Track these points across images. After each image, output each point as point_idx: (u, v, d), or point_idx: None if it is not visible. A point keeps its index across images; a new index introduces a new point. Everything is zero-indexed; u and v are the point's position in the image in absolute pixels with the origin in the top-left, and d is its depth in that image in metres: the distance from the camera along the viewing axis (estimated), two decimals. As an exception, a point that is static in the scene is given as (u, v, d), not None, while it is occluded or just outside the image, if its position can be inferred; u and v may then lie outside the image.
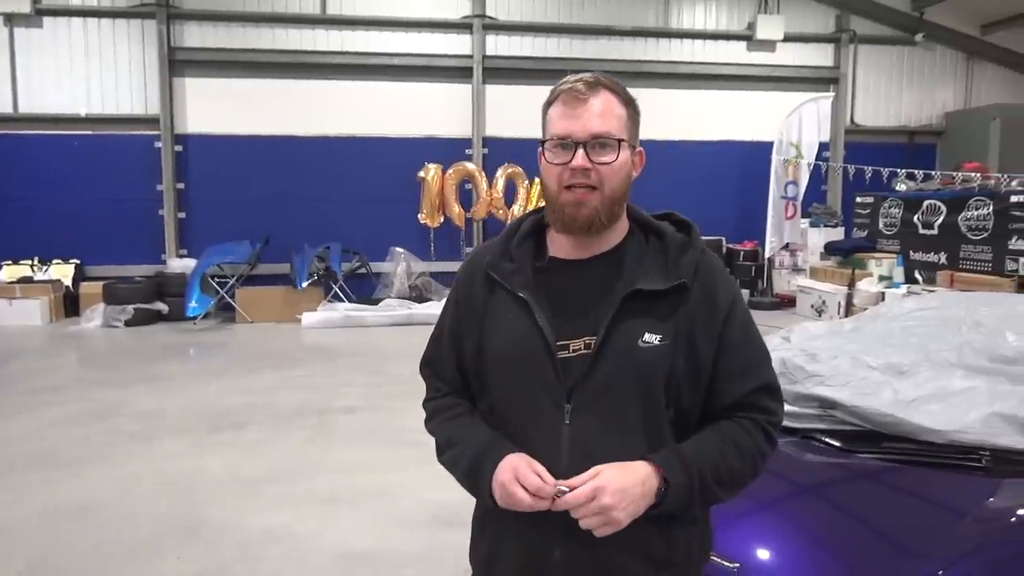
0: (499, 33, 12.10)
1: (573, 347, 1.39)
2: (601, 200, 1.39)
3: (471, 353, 1.50)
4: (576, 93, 1.39)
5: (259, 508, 4.30)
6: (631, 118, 1.45)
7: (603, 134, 1.38)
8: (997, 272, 8.30)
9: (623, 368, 1.36)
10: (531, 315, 1.41)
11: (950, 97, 13.64)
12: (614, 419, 1.37)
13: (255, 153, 11.45)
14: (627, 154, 1.42)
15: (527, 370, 1.41)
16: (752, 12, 12.66)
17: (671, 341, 1.36)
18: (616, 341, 1.37)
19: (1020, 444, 2.58)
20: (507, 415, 1.45)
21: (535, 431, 1.40)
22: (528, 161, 11.65)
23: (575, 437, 1.37)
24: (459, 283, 1.57)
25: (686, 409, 1.40)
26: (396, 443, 5.44)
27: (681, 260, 1.41)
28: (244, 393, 6.81)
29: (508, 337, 1.44)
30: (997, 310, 3.38)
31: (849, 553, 2.32)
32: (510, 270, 1.47)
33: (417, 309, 10.76)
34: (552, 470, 1.36)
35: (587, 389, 1.37)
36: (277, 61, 11.41)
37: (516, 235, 1.52)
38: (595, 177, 1.38)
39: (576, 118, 1.39)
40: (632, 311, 1.37)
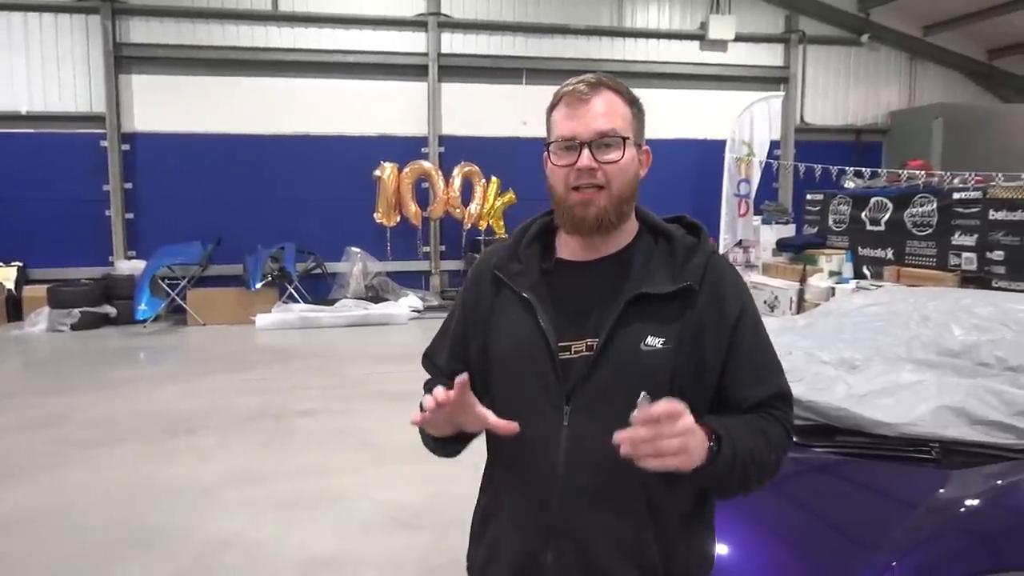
0: (455, 31, 12.05)
1: (575, 349, 1.38)
2: (609, 199, 1.38)
3: (476, 353, 1.50)
4: (578, 94, 1.39)
5: (215, 515, 4.21)
6: (636, 117, 1.44)
7: (608, 132, 1.37)
8: (941, 267, 8.51)
9: (624, 371, 1.35)
10: (534, 316, 1.41)
11: (894, 96, 14.02)
12: (613, 422, 1.33)
13: (206, 152, 11.20)
14: (633, 152, 1.41)
15: (528, 370, 1.40)
16: (704, 12, 12.83)
17: (674, 345, 1.34)
18: (618, 344, 1.35)
19: (967, 436, 2.66)
20: (507, 415, 1.43)
21: (534, 432, 1.39)
22: (485, 159, 11.64)
23: (574, 439, 1.36)
24: (468, 283, 1.58)
25: None
26: (354, 445, 5.38)
27: (689, 263, 1.40)
28: (197, 397, 6.66)
29: (511, 337, 1.44)
30: (943, 305, 3.47)
31: (805, 546, 2.36)
32: (517, 271, 1.47)
33: (374, 309, 10.67)
34: (549, 470, 1.36)
35: (586, 391, 1.36)
36: (228, 58, 11.18)
37: (525, 237, 1.52)
38: (601, 176, 1.37)
39: (579, 118, 1.38)
40: (636, 314, 1.36)
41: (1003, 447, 2.62)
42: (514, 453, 1.43)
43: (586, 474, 1.35)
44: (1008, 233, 7.61)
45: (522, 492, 1.41)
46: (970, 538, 2.26)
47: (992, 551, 2.22)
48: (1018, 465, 2.54)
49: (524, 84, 12.27)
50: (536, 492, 1.39)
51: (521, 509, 1.41)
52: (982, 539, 2.26)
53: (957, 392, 2.79)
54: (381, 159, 11.32)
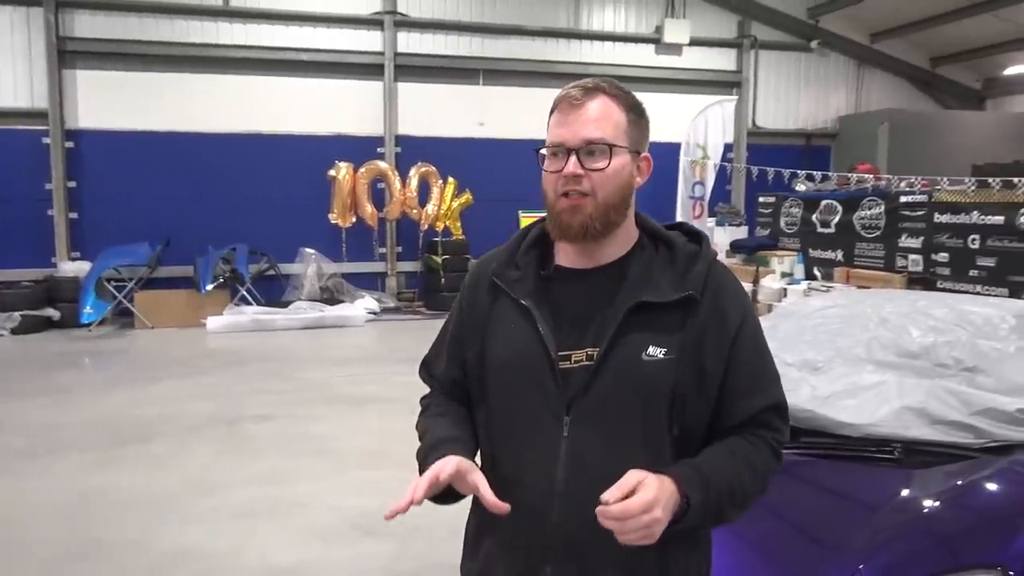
0: (411, 30, 11.95)
1: (575, 358, 1.35)
2: (595, 207, 1.35)
3: (472, 360, 1.46)
4: (571, 100, 1.36)
5: (169, 526, 4.08)
6: (633, 123, 1.40)
7: (594, 140, 1.34)
8: (889, 268, 8.74)
9: (625, 381, 1.32)
10: (533, 324, 1.38)
11: (843, 101, 14.38)
12: (614, 433, 1.33)
13: (155, 150, 10.89)
14: (623, 160, 1.37)
15: (527, 380, 1.37)
16: (659, 16, 12.97)
17: (676, 355, 1.32)
18: (619, 354, 1.33)
19: (928, 436, 2.71)
20: (504, 425, 1.41)
21: (532, 442, 1.37)
22: (442, 160, 11.57)
23: (573, 450, 1.34)
24: (464, 289, 1.54)
25: (691, 426, 1.36)
26: (312, 452, 5.28)
27: (690, 271, 1.38)
28: (148, 403, 6.46)
29: (509, 345, 1.40)
30: (899, 307, 3.54)
31: (772, 550, 2.38)
32: (515, 278, 1.44)
33: (329, 311, 10.52)
34: (548, 482, 1.33)
35: (587, 402, 1.33)
36: (177, 54, 10.90)
37: (523, 243, 1.49)
38: (587, 184, 1.34)
39: (569, 125, 1.35)
40: (637, 323, 1.33)
41: (962, 446, 2.68)
42: (511, 465, 1.40)
43: (586, 486, 1.31)
44: (952, 235, 7.85)
45: (520, 504, 1.36)
46: (932, 538, 2.31)
47: (953, 550, 2.26)
48: (977, 464, 2.60)
49: (481, 85, 12.25)
50: (535, 504, 1.35)
51: (518, 522, 1.37)
52: (943, 539, 2.31)
53: (918, 393, 2.85)
54: (336, 159, 11.16)
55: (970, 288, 7.44)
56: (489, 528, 1.43)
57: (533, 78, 12.44)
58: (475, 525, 1.50)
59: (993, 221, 7.33)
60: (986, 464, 2.59)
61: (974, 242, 7.55)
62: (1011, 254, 7.09)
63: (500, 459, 1.42)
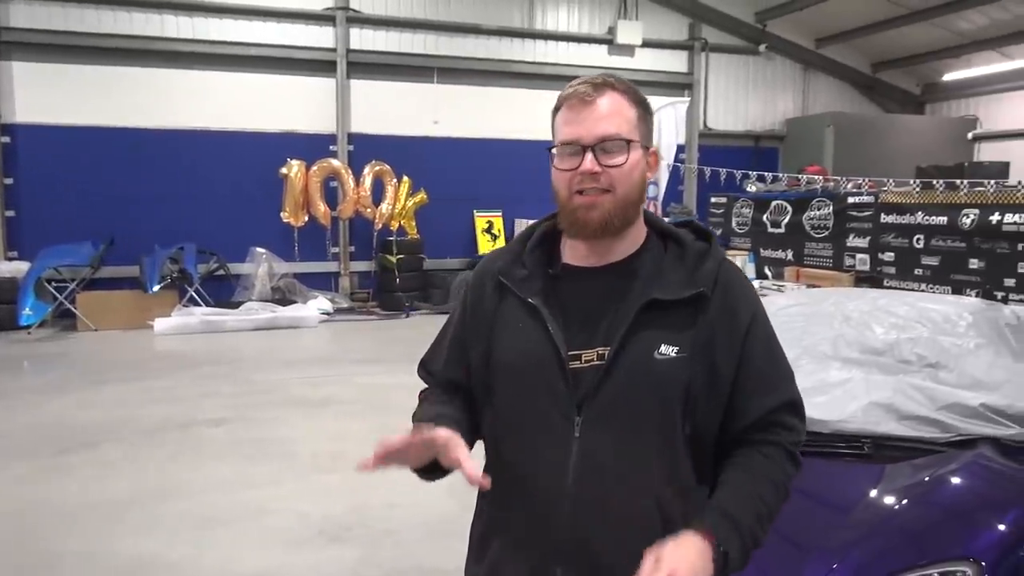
0: (364, 27, 11.79)
1: (585, 358, 1.33)
2: (614, 203, 1.33)
3: (478, 361, 1.43)
4: (582, 96, 1.33)
5: (124, 535, 3.92)
6: (642, 118, 1.38)
7: (611, 136, 1.32)
8: (837, 267, 8.98)
9: (637, 381, 1.30)
10: (543, 324, 1.35)
11: (790, 104, 14.72)
12: (626, 433, 1.31)
13: (98, 146, 10.49)
14: (638, 155, 1.36)
15: (537, 380, 1.34)
16: (613, 17, 13.08)
17: (688, 353, 1.30)
18: (631, 353, 1.31)
19: (896, 431, 2.78)
20: (513, 426, 1.38)
21: (543, 444, 1.34)
22: (396, 159, 11.45)
23: (585, 452, 1.31)
24: (468, 288, 1.51)
25: (703, 426, 1.34)
26: (271, 456, 5.16)
27: (700, 269, 1.36)
28: (94, 408, 6.23)
29: (518, 346, 1.37)
30: (862, 305, 3.62)
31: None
32: (522, 276, 1.41)
33: (281, 312, 10.31)
34: (559, 484, 1.30)
35: (599, 402, 1.31)
36: (121, 47, 10.52)
37: (529, 241, 1.46)
38: (605, 180, 1.32)
39: (582, 122, 1.33)
40: (648, 322, 1.31)
41: (929, 441, 2.75)
42: (520, 467, 1.37)
43: (598, 487, 1.31)
44: (898, 235, 8.11)
45: (529, 507, 1.35)
46: (904, 533, 2.35)
47: (924, 544, 2.31)
48: (944, 458, 2.67)
49: (436, 83, 12.16)
50: (544, 506, 1.33)
51: (528, 524, 1.35)
52: (915, 533, 2.36)
53: (885, 389, 2.92)
54: (288, 156, 10.96)
55: (915, 286, 7.69)
56: (497, 531, 1.41)
57: (488, 77, 12.42)
58: (481, 529, 1.47)
59: (937, 222, 7.58)
60: (952, 458, 2.66)
61: (919, 242, 7.80)
62: (954, 253, 7.34)
63: (508, 461, 1.39)
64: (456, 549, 3.60)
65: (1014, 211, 6.75)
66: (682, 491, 1.34)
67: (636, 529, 1.31)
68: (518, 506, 1.37)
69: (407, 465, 1.31)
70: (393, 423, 1.45)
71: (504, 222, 12.53)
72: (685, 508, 1.35)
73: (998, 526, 2.35)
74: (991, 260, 6.93)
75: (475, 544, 1.48)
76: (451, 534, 3.89)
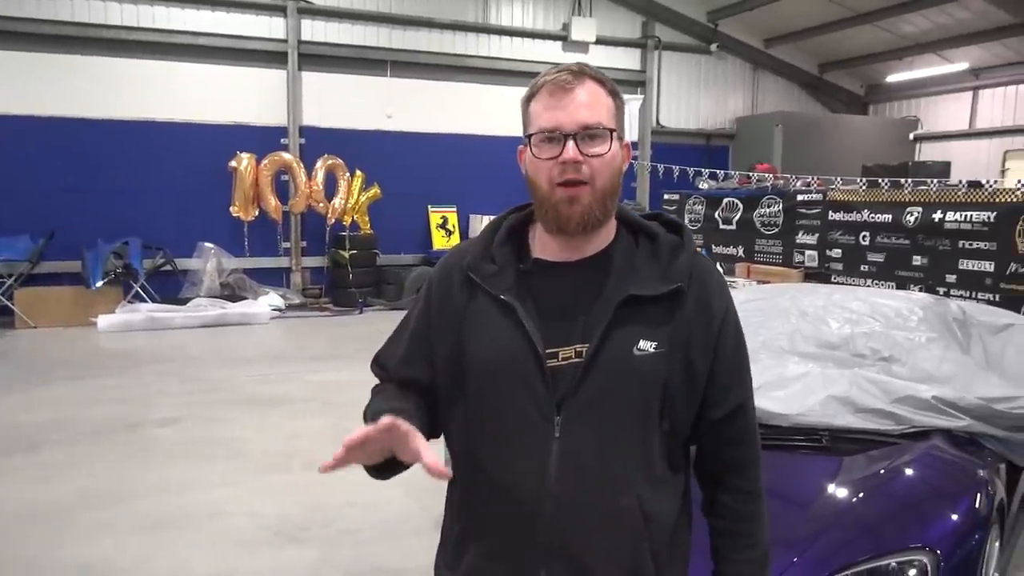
0: (316, 18, 11.59)
1: (563, 355, 1.30)
2: (594, 195, 1.29)
3: (445, 360, 1.37)
4: (562, 83, 1.29)
5: (70, 541, 3.78)
6: (619, 109, 1.34)
7: (593, 124, 1.28)
8: (787, 264, 9.17)
9: (618, 378, 1.28)
10: (516, 321, 1.31)
11: (740, 103, 14.98)
12: (608, 431, 1.29)
13: (37, 136, 10.08)
14: (618, 145, 1.33)
15: (513, 379, 1.30)
16: (567, 13, 13.11)
17: (667, 349, 1.29)
18: (610, 349, 1.28)
19: (853, 423, 2.84)
20: (489, 427, 1.34)
21: (521, 444, 1.30)
22: (349, 152, 11.29)
23: (566, 451, 1.28)
24: (432, 285, 1.44)
25: (680, 421, 1.33)
26: (225, 455, 5.04)
27: (675, 263, 1.34)
28: (34, 409, 6.00)
29: (491, 344, 1.33)
30: (817, 300, 3.70)
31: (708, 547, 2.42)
32: (492, 272, 1.36)
33: (231, 308, 10.09)
34: (539, 484, 1.28)
35: (579, 400, 1.28)
36: (60, 34, 10.11)
37: (498, 234, 1.41)
38: (587, 171, 1.28)
39: (563, 108, 1.28)
40: (626, 318, 1.29)
41: (884, 433, 2.82)
42: (498, 468, 1.33)
43: (580, 487, 1.28)
44: (844, 233, 8.30)
45: (509, 509, 1.32)
46: (862, 525, 2.40)
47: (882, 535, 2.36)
48: (899, 449, 2.74)
49: (389, 76, 12.03)
50: (525, 507, 1.30)
51: (508, 528, 1.32)
52: (872, 525, 2.40)
53: (841, 382, 2.98)
54: (237, 149, 10.71)
55: (862, 282, 7.89)
56: (474, 536, 1.36)
57: (442, 71, 12.33)
58: (456, 534, 1.41)
59: (882, 219, 7.79)
60: (907, 449, 2.73)
61: (865, 239, 7.99)
62: (898, 250, 7.55)
63: (485, 462, 1.35)
64: (416, 548, 3.59)
65: (955, 209, 6.97)
66: (659, 486, 1.33)
67: (618, 527, 1.30)
68: (497, 509, 1.34)
69: (367, 461, 1.25)
70: (347, 422, 1.40)
71: (459, 217, 12.47)
72: (664, 503, 1.34)
73: (951, 516, 2.42)
74: (933, 257, 7.14)
75: (449, 549, 1.43)
76: (410, 533, 3.86)
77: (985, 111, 13.72)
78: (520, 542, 1.31)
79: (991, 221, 6.49)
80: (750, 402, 1.43)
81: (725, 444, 1.41)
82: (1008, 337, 3.58)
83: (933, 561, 2.20)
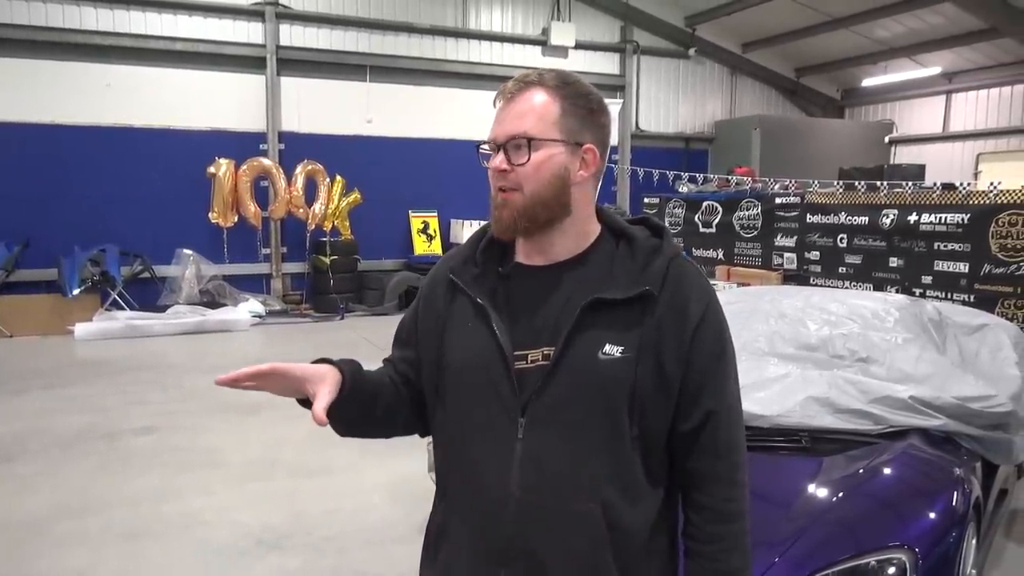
0: (294, 23, 11.54)
1: (531, 358, 1.31)
2: (523, 201, 1.32)
3: (429, 364, 1.41)
4: (505, 93, 1.35)
5: (46, 553, 3.72)
6: (568, 113, 1.33)
7: (516, 135, 1.31)
8: (766, 266, 9.24)
9: (581, 381, 1.28)
10: (488, 324, 1.33)
11: (718, 107, 15.10)
12: (570, 434, 1.29)
13: (11, 142, 9.94)
14: (550, 152, 1.32)
15: (482, 381, 1.32)
16: (546, 18, 13.16)
17: (634, 354, 1.27)
18: (575, 353, 1.28)
19: (832, 424, 2.86)
20: (460, 428, 1.36)
21: (486, 445, 1.32)
22: (329, 158, 11.26)
23: (528, 453, 1.29)
24: (424, 287, 1.50)
25: (652, 427, 1.31)
26: (204, 464, 4.98)
27: (649, 267, 1.33)
28: (9, 419, 5.90)
29: (466, 347, 1.36)
30: (795, 302, 3.73)
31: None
32: (473, 275, 1.40)
33: (210, 315, 10.01)
34: (503, 486, 1.29)
35: (543, 403, 1.29)
36: (38, 39, 10.01)
37: (483, 240, 1.44)
38: (512, 179, 1.32)
39: (501, 121, 1.34)
40: (593, 321, 1.29)
41: (863, 433, 2.84)
42: (465, 469, 1.36)
43: (541, 490, 1.29)
44: (822, 235, 8.38)
45: (474, 509, 1.33)
46: (841, 524, 2.42)
47: (861, 534, 2.38)
48: (877, 449, 2.77)
49: (368, 81, 12.00)
50: (489, 509, 1.31)
51: (473, 527, 1.34)
52: (852, 524, 2.43)
53: (820, 383, 3.01)
54: (216, 155, 10.63)
55: (839, 284, 7.97)
56: (448, 533, 1.39)
57: (421, 76, 12.32)
58: (435, 530, 1.45)
59: (858, 222, 7.87)
60: (885, 449, 2.76)
61: (842, 241, 8.07)
62: (875, 252, 7.63)
63: (456, 463, 1.39)
64: (399, 555, 3.57)
65: (930, 211, 7.06)
66: (630, 494, 1.31)
67: (578, 532, 1.29)
68: (466, 508, 1.36)
69: (277, 393, 1.37)
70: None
71: (440, 222, 12.45)
72: (635, 512, 1.31)
73: (929, 514, 2.45)
74: (909, 258, 7.22)
75: (429, 545, 1.46)
76: (394, 540, 3.84)
77: (959, 114, 13.93)
78: (483, 541, 1.32)
79: (965, 223, 6.57)
80: (725, 413, 1.34)
81: (690, 456, 1.34)
82: (982, 337, 3.64)
83: (912, 559, 2.23)
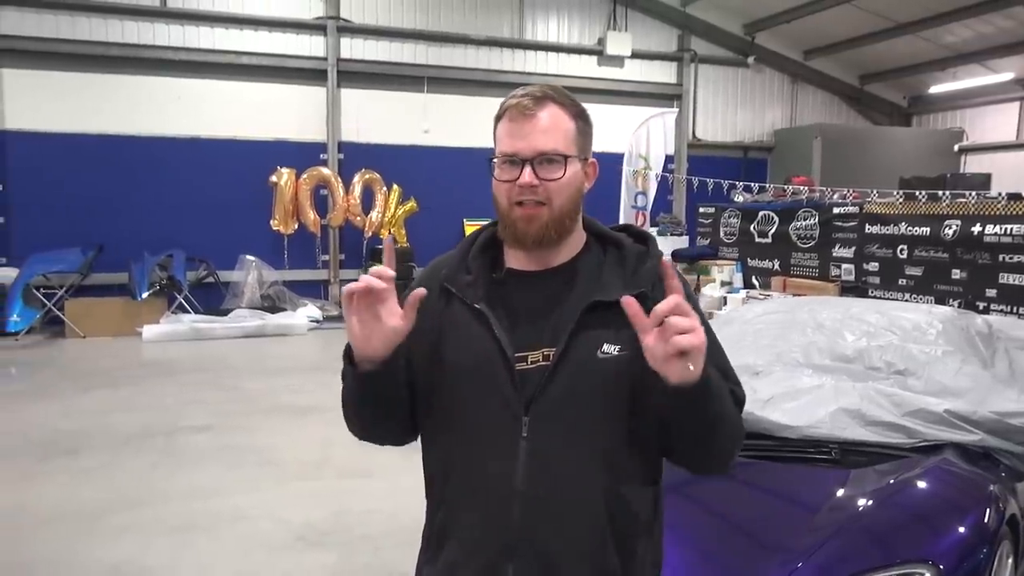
0: (354, 36, 11.85)
1: (532, 359, 1.37)
2: (551, 215, 1.37)
3: (422, 365, 1.45)
4: (522, 108, 1.37)
5: (101, 542, 3.92)
6: (581, 131, 1.42)
7: (549, 151, 1.36)
8: (823, 277, 9.03)
9: (582, 379, 1.34)
10: (488, 327, 1.38)
11: (778, 116, 14.82)
12: (572, 431, 1.35)
13: (88, 153, 10.50)
14: (575, 168, 1.40)
15: (485, 382, 1.38)
16: (602, 28, 13.17)
17: (630, 351, 1.33)
18: (575, 353, 1.35)
19: (863, 436, 2.81)
20: (463, 429, 1.41)
21: (491, 444, 1.37)
22: (386, 167, 11.50)
23: (533, 450, 1.35)
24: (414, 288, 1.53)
25: (650, 421, 1.36)
26: (253, 463, 5.16)
27: (640, 270, 1.40)
28: (77, 415, 6.22)
29: (466, 351, 1.40)
30: (834, 313, 3.67)
31: (714, 550, 2.43)
32: (467, 282, 1.44)
33: (270, 320, 10.32)
34: (508, 483, 1.34)
35: (545, 401, 1.35)
36: (111, 55, 10.55)
37: (473, 247, 1.49)
38: (543, 193, 1.36)
39: (523, 136, 1.37)
40: (591, 322, 1.36)
41: (894, 446, 2.79)
42: (470, 467, 1.40)
43: (546, 484, 1.34)
44: (882, 246, 8.16)
45: (480, 507, 1.38)
46: (866, 536, 2.39)
47: (885, 547, 2.35)
48: (909, 463, 2.71)
49: (425, 92, 12.22)
50: (495, 506, 1.36)
51: (479, 524, 1.38)
52: (877, 536, 2.39)
53: (852, 395, 2.96)
54: (277, 164, 10.98)
55: (899, 296, 7.74)
56: (451, 532, 1.43)
57: (478, 87, 12.47)
58: (435, 530, 1.48)
59: (919, 232, 7.64)
60: (917, 463, 2.70)
61: (902, 252, 7.84)
62: (937, 263, 7.39)
63: (458, 462, 1.43)
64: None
65: (995, 222, 6.81)
66: (629, 488, 1.38)
67: (584, 526, 1.35)
68: (470, 507, 1.40)
69: (366, 316, 1.29)
70: None
71: (494, 231, 12.55)
72: (631, 506, 1.38)
73: (958, 530, 2.39)
74: (973, 270, 6.98)
75: (428, 545, 1.50)
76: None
77: (1034, 122, 13.35)
78: (490, 538, 1.36)
79: (1031, 234, 6.32)
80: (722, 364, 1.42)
81: None
82: (1037, 352, 3.51)
83: (935, 575, 2.18)
